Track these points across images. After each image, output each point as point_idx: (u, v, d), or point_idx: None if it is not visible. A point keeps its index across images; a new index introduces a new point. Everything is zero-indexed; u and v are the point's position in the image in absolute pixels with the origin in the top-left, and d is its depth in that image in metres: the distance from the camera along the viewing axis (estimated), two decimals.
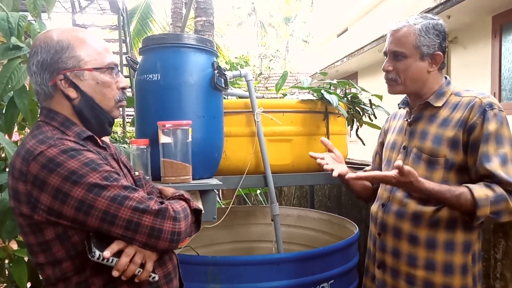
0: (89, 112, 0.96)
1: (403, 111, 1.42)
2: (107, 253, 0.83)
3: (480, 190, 1.12)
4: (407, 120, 1.35)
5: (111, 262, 0.84)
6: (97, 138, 1.00)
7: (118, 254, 0.85)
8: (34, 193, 0.85)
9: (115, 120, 1.05)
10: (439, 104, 1.26)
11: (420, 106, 1.30)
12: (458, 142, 1.19)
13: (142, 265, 0.88)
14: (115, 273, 0.85)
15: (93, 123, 0.97)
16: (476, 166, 1.17)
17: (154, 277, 0.91)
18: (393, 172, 1.11)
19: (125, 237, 0.86)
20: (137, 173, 1.11)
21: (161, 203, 0.91)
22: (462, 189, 1.14)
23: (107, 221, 0.84)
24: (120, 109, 1.06)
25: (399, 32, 1.25)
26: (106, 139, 1.10)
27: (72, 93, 0.94)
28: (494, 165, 1.13)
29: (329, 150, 1.48)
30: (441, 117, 1.25)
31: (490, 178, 1.14)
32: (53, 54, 0.92)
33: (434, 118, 1.26)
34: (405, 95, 1.38)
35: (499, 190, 1.11)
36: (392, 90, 1.31)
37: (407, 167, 1.10)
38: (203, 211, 1.05)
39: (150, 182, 1.18)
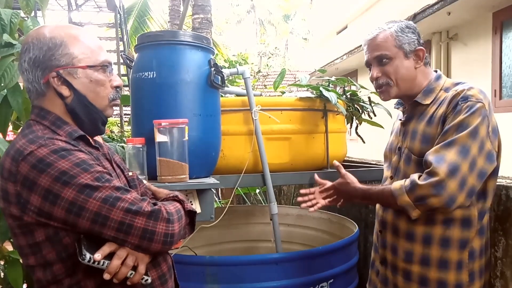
0: (82, 111, 0.94)
1: (401, 112, 1.42)
2: (98, 256, 0.81)
3: (397, 183, 1.18)
4: (400, 120, 1.35)
5: (102, 265, 0.82)
6: (89, 138, 0.98)
7: (109, 256, 0.84)
8: (23, 194, 0.83)
9: (113, 119, 1.03)
10: (427, 101, 1.25)
11: (410, 106, 1.30)
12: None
13: (135, 268, 0.86)
14: (106, 276, 0.83)
15: (86, 121, 0.95)
16: None
17: (147, 279, 0.89)
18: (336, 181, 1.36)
19: (117, 239, 0.84)
20: (130, 174, 1.09)
21: (154, 204, 0.89)
22: (385, 186, 1.23)
23: (99, 223, 0.82)
24: (115, 107, 1.04)
25: (377, 38, 1.26)
26: (99, 138, 1.08)
27: (65, 91, 0.92)
28: (430, 151, 1.14)
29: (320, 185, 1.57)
30: (428, 115, 1.24)
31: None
32: (45, 51, 0.89)
33: (423, 116, 1.25)
34: None
35: (413, 177, 1.14)
36: (386, 96, 1.29)
37: (343, 170, 1.35)
38: (198, 212, 1.03)
39: (144, 182, 1.16)
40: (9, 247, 1.50)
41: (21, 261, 1.46)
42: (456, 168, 1.09)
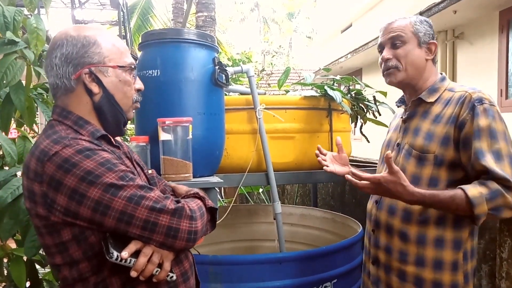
0: (109, 110, 0.96)
1: (402, 110, 1.41)
2: (125, 254, 0.82)
3: (473, 189, 1.10)
4: (401, 117, 1.35)
5: (129, 263, 0.83)
6: (111, 137, 0.98)
7: (135, 254, 0.85)
8: (50, 194, 0.84)
9: None
10: (431, 99, 1.25)
11: (413, 103, 1.29)
12: (449, 138, 1.18)
13: (160, 265, 0.87)
14: (133, 274, 0.84)
15: (110, 121, 0.97)
16: (471, 162, 1.15)
17: (172, 276, 0.90)
18: (381, 174, 1.12)
19: (142, 237, 0.85)
20: (150, 172, 1.10)
21: (177, 202, 0.90)
22: (455, 190, 1.12)
23: (124, 221, 0.84)
24: (133, 111, 1.05)
25: (395, 23, 1.28)
26: (117, 137, 1.08)
27: (95, 88, 0.93)
28: (489, 161, 1.11)
29: (338, 151, 1.45)
30: (434, 113, 1.24)
31: (486, 174, 1.12)
32: (79, 48, 0.91)
33: (427, 114, 1.25)
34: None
35: (494, 186, 1.09)
36: (393, 79, 1.27)
37: (396, 167, 1.11)
38: (218, 209, 1.04)
39: (162, 180, 1.17)
40: (12, 244, 1.50)
41: (24, 258, 1.46)
42: None
